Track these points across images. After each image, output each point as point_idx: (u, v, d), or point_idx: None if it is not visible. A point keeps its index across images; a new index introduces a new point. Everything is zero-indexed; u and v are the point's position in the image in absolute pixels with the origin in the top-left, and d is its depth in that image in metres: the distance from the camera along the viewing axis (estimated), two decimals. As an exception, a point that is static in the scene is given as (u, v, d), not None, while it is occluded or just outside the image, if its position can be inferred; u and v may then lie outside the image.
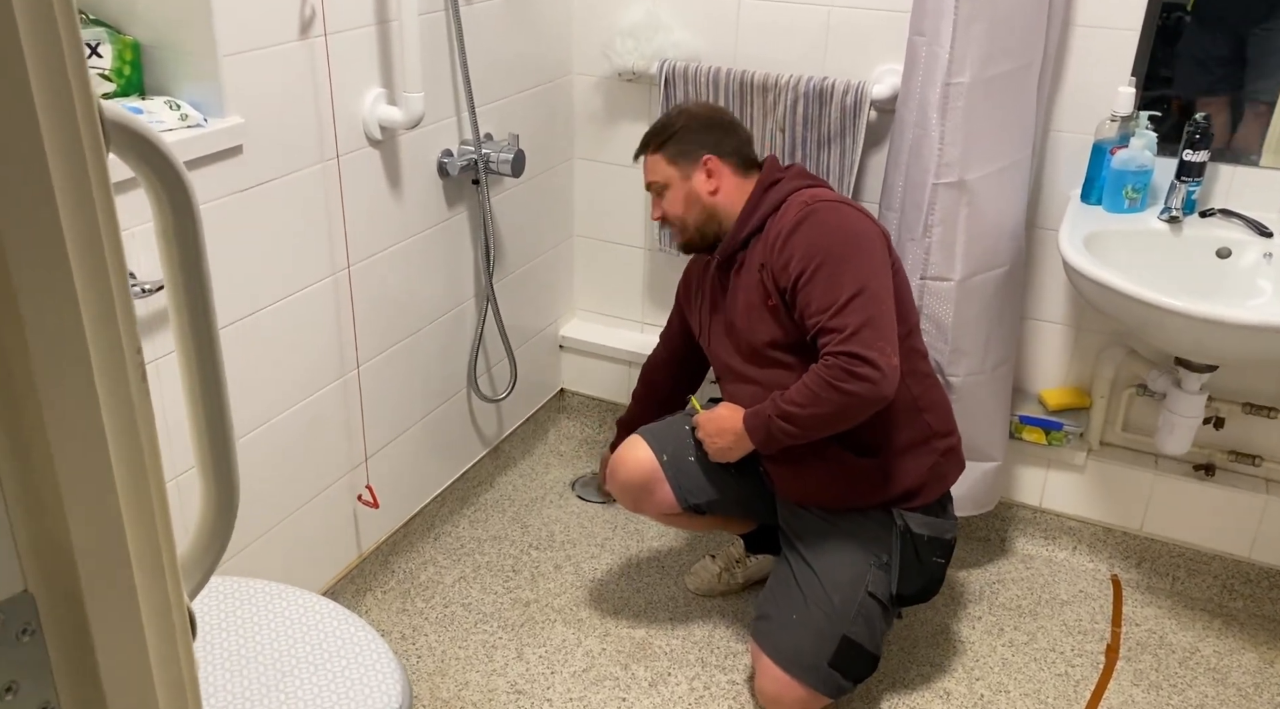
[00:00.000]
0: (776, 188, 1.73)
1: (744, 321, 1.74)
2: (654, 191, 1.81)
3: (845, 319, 1.58)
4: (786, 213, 1.68)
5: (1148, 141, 1.92)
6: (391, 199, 1.90)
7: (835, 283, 1.60)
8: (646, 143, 1.82)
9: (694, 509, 1.88)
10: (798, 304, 1.64)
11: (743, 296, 1.74)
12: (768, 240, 1.69)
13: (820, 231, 1.63)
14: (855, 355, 1.58)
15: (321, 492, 1.90)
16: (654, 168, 1.79)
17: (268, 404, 1.73)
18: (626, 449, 1.88)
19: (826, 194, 1.71)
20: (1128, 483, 2.16)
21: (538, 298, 2.50)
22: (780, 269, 1.65)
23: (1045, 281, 2.14)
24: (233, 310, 1.61)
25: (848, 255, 1.62)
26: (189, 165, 1.42)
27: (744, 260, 1.75)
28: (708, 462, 1.85)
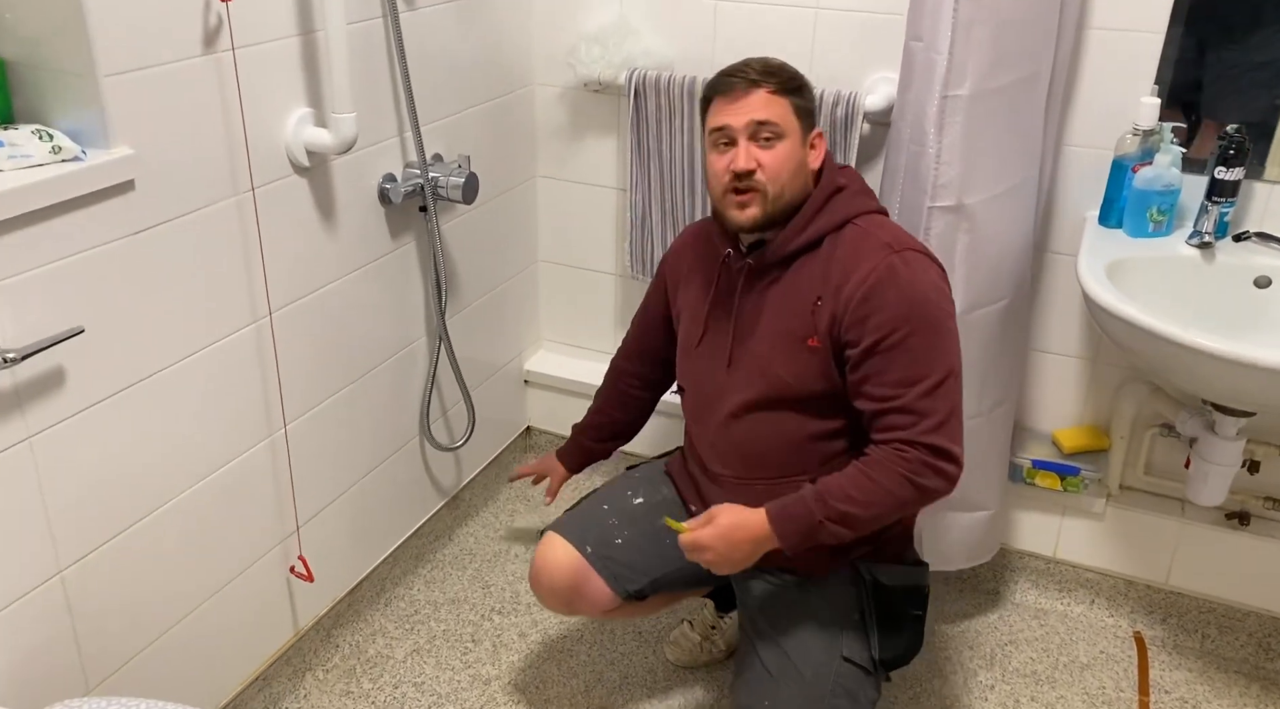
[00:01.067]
0: (840, 199, 1.47)
1: (766, 348, 1.49)
2: (754, 135, 1.41)
3: (933, 404, 1.37)
4: (861, 250, 1.42)
5: (1173, 157, 1.71)
6: (323, 233, 1.67)
7: (924, 359, 1.38)
8: (768, 75, 1.41)
9: (635, 596, 1.65)
10: (864, 368, 1.40)
11: (773, 318, 1.48)
12: (831, 273, 1.43)
13: (912, 293, 1.39)
14: (941, 450, 1.37)
15: (249, 566, 1.67)
16: (773, 108, 1.41)
17: (180, 474, 1.49)
18: (544, 551, 1.64)
19: (905, 237, 1.46)
20: (1151, 531, 1.96)
21: (499, 330, 2.27)
22: (854, 322, 1.40)
23: (1057, 311, 1.93)
24: (131, 370, 1.37)
25: (939, 329, 1.39)
26: (64, 207, 1.19)
27: (784, 275, 1.48)
28: (640, 539, 1.63)
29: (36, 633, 1.32)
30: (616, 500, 1.69)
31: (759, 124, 1.40)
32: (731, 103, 1.42)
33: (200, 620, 1.59)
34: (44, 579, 1.32)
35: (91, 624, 1.40)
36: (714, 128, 1.44)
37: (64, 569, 1.34)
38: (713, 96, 1.45)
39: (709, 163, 1.46)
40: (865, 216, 1.46)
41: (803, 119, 1.44)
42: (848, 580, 1.54)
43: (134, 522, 1.43)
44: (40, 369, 1.24)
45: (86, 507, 1.35)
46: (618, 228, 2.25)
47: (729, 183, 1.42)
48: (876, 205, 1.50)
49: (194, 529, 1.54)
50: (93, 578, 1.38)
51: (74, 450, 1.32)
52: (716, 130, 1.43)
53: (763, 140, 1.41)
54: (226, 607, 1.64)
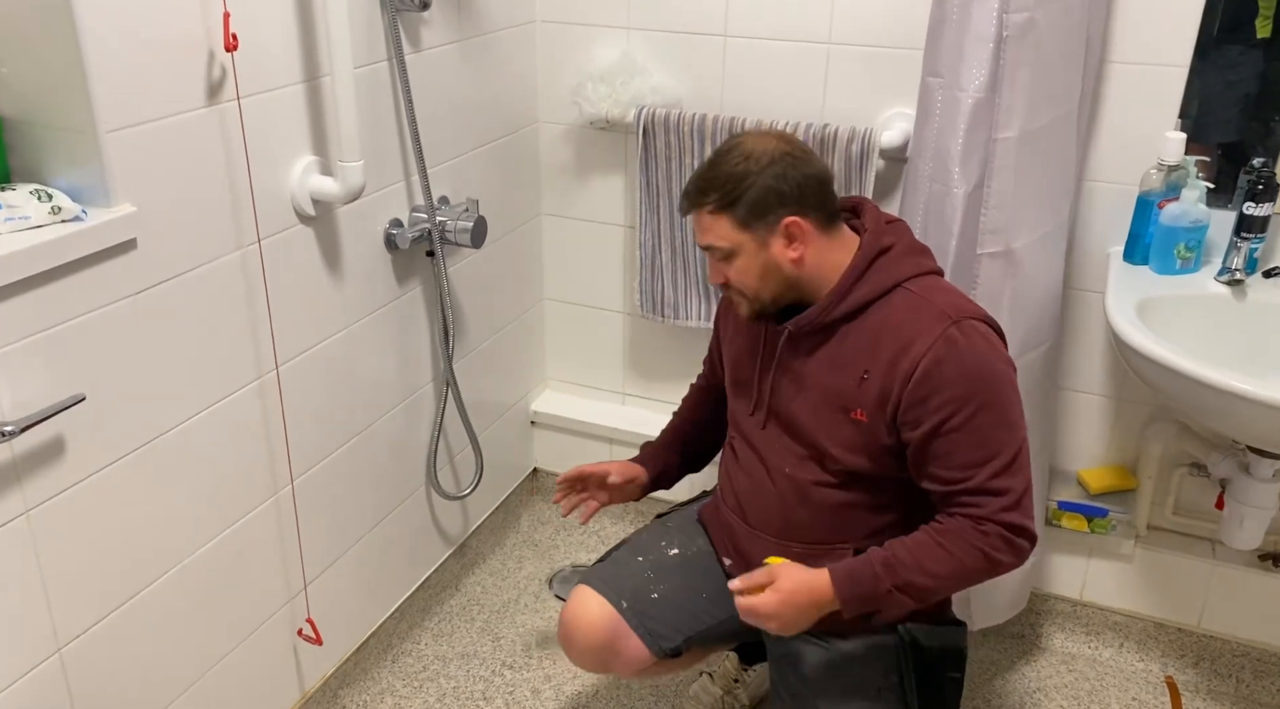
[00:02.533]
0: (886, 261, 1.37)
1: (810, 416, 1.42)
2: (714, 255, 1.39)
3: (1009, 482, 1.31)
4: (915, 320, 1.33)
5: (1200, 193, 1.68)
6: (330, 282, 1.62)
7: (993, 437, 1.31)
8: (703, 195, 1.37)
9: (671, 654, 1.58)
10: (929, 451, 1.33)
11: (817, 386, 1.41)
12: (882, 346, 1.34)
13: (975, 368, 1.31)
14: (1019, 528, 1.32)
15: (254, 630, 1.60)
16: (715, 230, 1.37)
17: (183, 540, 1.43)
18: (576, 607, 1.56)
19: (963, 303, 1.36)
20: (1182, 573, 1.91)
21: (505, 371, 2.22)
22: (913, 403, 1.32)
23: (1082, 349, 1.89)
24: (133, 436, 1.31)
25: (1005, 402, 1.33)
26: (64, 270, 1.14)
27: (829, 340, 1.39)
28: (676, 594, 1.56)
29: (34, 715, 1.26)
30: (651, 552, 1.62)
31: (708, 247, 1.39)
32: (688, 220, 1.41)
33: (205, 689, 1.52)
34: (42, 658, 1.25)
35: (92, 702, 1.33)
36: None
37: (63, 646, 1.27)
38: None
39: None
40: (916, 280, 1.37)
41: (751, 227, 1.34)
42: (885, 640, 1.48)
43: (136, 592, 1.37)
44: (39, 440, 1.18)
45: (86, 580, 1.29)
46: (625, 265, 2.20)
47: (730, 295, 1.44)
48: (930, 264, 1.41)
49: (198, 596, 1.47)
50: (92, 654, 1.32)
51: (73, 522, 1.25)
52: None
53: (721, 259, 1.38)
54: (231, 674, 1.57)
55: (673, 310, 2.14)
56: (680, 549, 1.61)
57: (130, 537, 1.34)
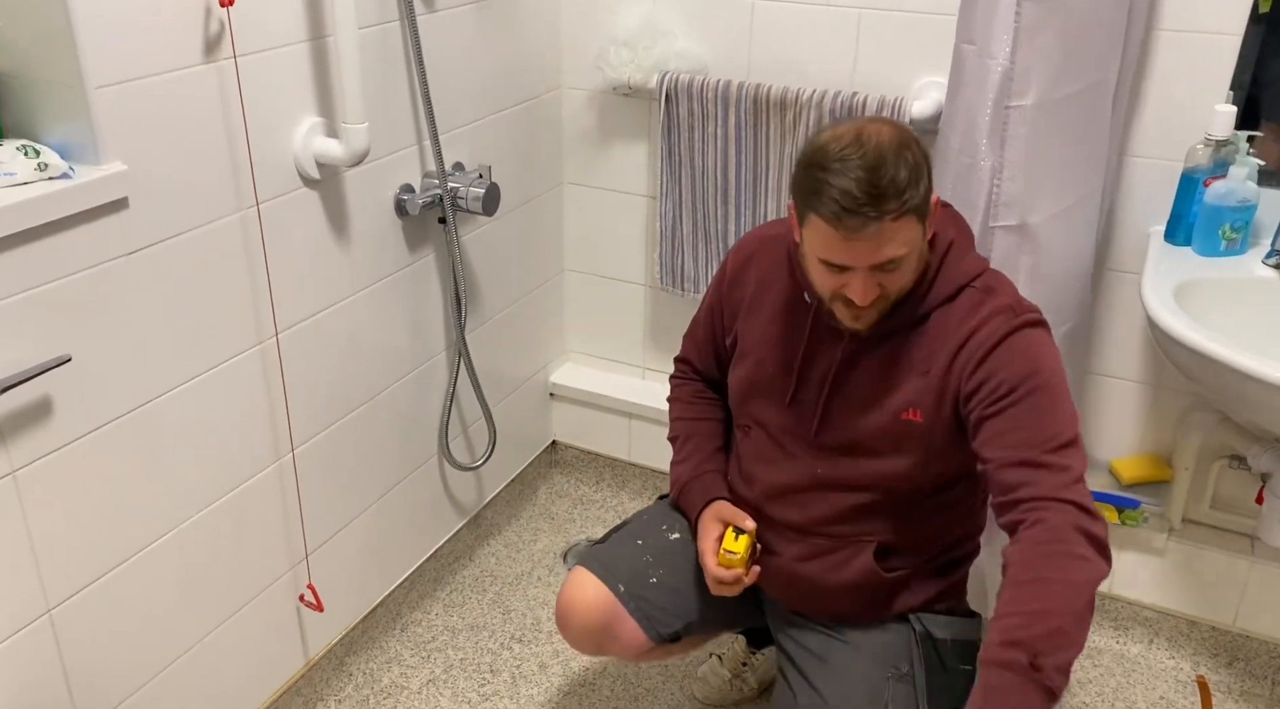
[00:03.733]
0: (951, 261, 1.31)
1: (855, 418, 1.35)
2: (883, 267, 1.21)
3: (1067, 460, 1.21)
4: (978, 313, 1.28)
5: (1250, 170, 1.58)
6: (336, 248, 1.59)
7: (1055, 413, 1.24)
8: (891, 199, 1.16)
9: (669, 639, 1.54)
10: (987, 430, 1.24)
11: (868, 390, 1.33)
12: (947, 342, 1.28)
13: (1035, 357, 1.26)
14: (1089, 511, 1.18)
15: (256, 596, 1.59)
16: (901, 235, 1.19)
17: (179, 505, 1.42)
18: (573, 589, 1.51)
19: (1024, 301, 1.30)
20: (1218, 569, 1.83)
21: (524, 341, 2.18)
22: (971, 391, 1.26)
23: (1117, 332, 1.80)
24: (124, 399, 1.30)
25: (1063, 395, 1.26)
26: (51, 228, 1.12)
27: (886, 344, 1.33)
28: (675, 579, 1.52)
29: (23, 676, 1.25)
30: (652, 535, 1.57)
31: (885, 262, 1.20)
32: (846, 241, 1.19)
33: (203, 654, 1.52)
34: (31, 619, 1.25)
35: (84, 664, 1.33)
36: (823, 259, 1.23)
37: (53, 608, 1.27)
38: (810, 213, 1.21)
39: (809, 267, 1.27)
40: (979, 279, 1.31)
41: (925, 215, 1.21)
42: (897, 630, 1.43)
43: (129, 556, 1.36)
44: (25, 400, 1.17)
45: (77, 542, 1.28)
46: (647, 237, 2.15)
47: (842, 299, 1.26)
48: (982, 260, 1.35)
49: (195, 561, 1.46)
50: (85, 616, 1.31)
51: (62, 484, 1.24)
52: (826, 261, 1.23)
53: (882, 269, 1.22)
54: (232, 639, 1.56)
55: (693, 284, 2.08)
56: (681, 533, 1.56)
57: (124, 500, 1.33)
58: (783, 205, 1.91)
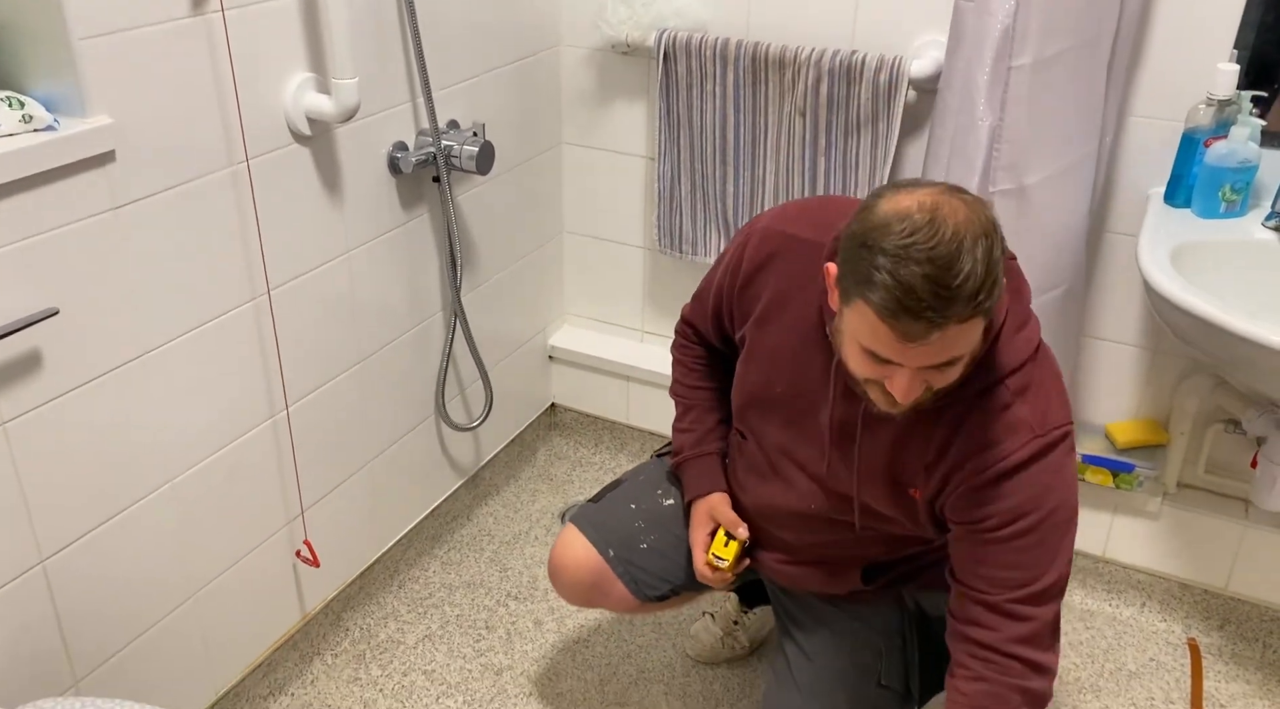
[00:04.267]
0: (1001, 348, 1.15)
1: (866, 481, 1.28)
2: (939, 368, 1.06)
3: (1035, 610, 1.18)
4: (999, 426, 1.16)
5: (1252, 130, 1.56)
6: (328, 205, 1.59)
7: (1039, 557, 1.18)
8: (962, 303, 0.98)
9: (657, 599, 1.55)
10: (966, 551, 1.22)
11: (878, 458, 1.25)
12: (954, 443, 1.18)
13: (1051, 485, 1.17)
14: (1034, 665, 1.19)
15: (252, 550, 1.61)
16: (966, 337, 1.03)
17: (170, 459, 1.43)
18: (565, 548, 1.53)
19: (1053, 411, 1.17)
20: (1211, 533, 1.82)
21: (522, 304, 2.18)
22: (963, 506, 1.20)
23: (1114, 295, 1.79)
24: (114, 353, 1.30)
25: (1068, 526, 1.20)
26: (37, 180, 1.12)
27: (905, 420, 1.21)
28: (664, 545, 1.52)
29: (16, 625, 1.27)
30: (646, 499, 1.57)
31: (943, 364, 1.05)
32: (897, 339, 1.02)
33: (199, 607, 1.54)
34: (24, 569, 1.27)
35: (78, 614, 1.35)
36: (868, 348, 1.06)
37: (46, 558, 1.29)
38: (859, 300, 1.03)
39: (849, 350, 1.10)
40: (1016, 375, 1.16)
41: (993, 314, 1.07)
42: (891, 606, 1.44)
43: (123, 509, 1.37)
44: (14, 352, 1.18)
45: (69, 494, 1.29)
46: (646, 199, 2.14)
47: (879, 386, 1.11)
48: (1031, 341, 1.18)
49: (189, 516, 1.48)
50: (78, 567, 1.33)
51: (53, 437, 1.25)
52: (871, 353, 1.06)
53: (938, 368, 1.06)
54: (227, 592, 1.58)
55: (691, 246, 2.07)
56: (675, 501, 1.56)
57: (116, 454, 1.34)
58: (781, 168, 1.90)
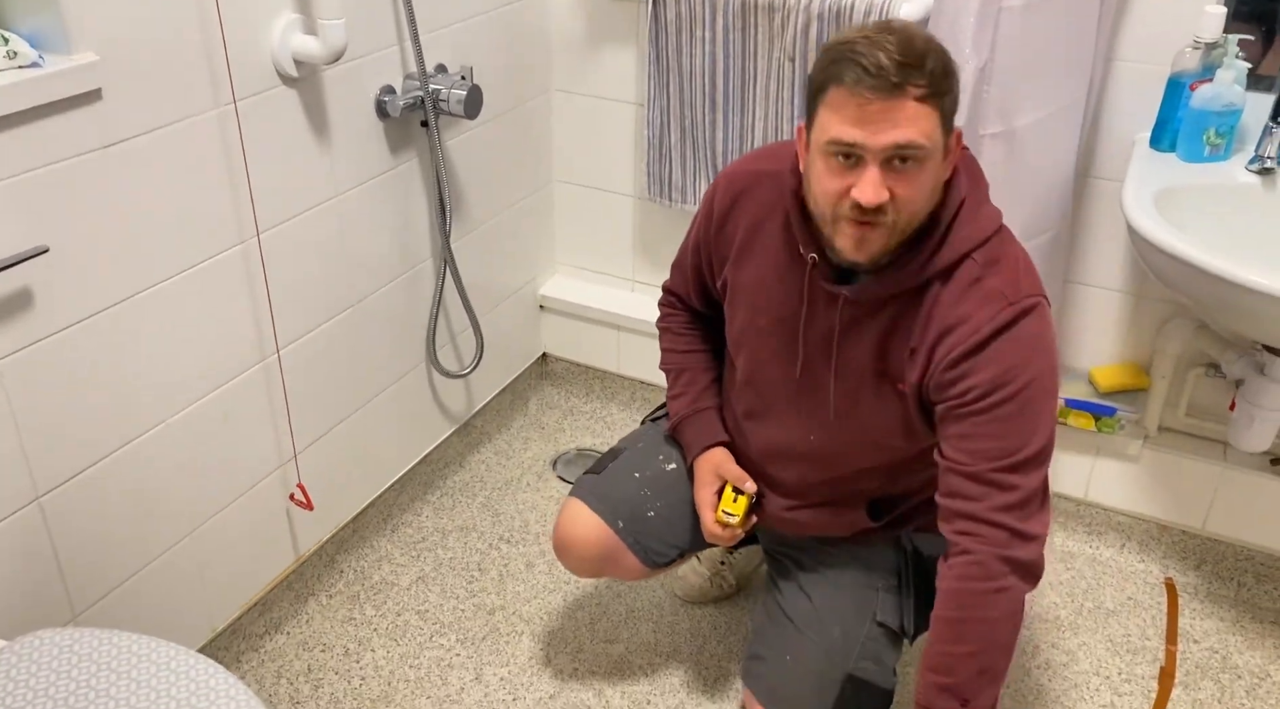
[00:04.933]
0: (961, 223, 1.21)
1: (854, 386, 1.31)
2: (893, 154, 1.11)
3: (1019, 479, 1.20)
4: (974, 299, 1.20)
5: (1237, 74, 1.56)
6: (316, 148, 1.59)
7: (1021, 427, 1.20)
8: (917, 71, 1.07)
9: (666, 565, 1.58)
10: (952, 428, 1.23)
11: (868, 357, 1.29)
12: (934, 320, 1.22)
13: (1027, 354, 1.20)
14: (1019, 533, 1.20)
15: (245, 492, 1.63)
16: (920, 123, 1.09)
17: (162, 400, 1.45)
18: (572, 523, 1.53)
19: (1024, 281, 1.22)
20: (1189, 475, 1.86)
21: (512, 253, 2.19)
22: (946, 383, 1.22)
23: (1099, 242, 1.80)
24: (105, 293, 1.32)
25: (1048, 394, 1.22)
26: (23, 117, 1.12)
27: (884, 310, 1.26)
28: (671, 511, 1.54)
29: (14, 559, 1.30)
30: (649, 467, 1.58)
31: (900, 147, 1.10)
32: (864, 111, 1.08)
33: (195, 545, 1.56)
34: (20, 505, 1.29)
35: (75, 550, 1.37)
36: (836, 140, 1.12)
37: (41, 495, 1.31)
38: (831, 86, 1.11)
39: (817, 173, 1.16)
40: (982, 249, 1.21)
41: (947, 126, 1.14)
42: (890, 547, 1.47)
43: (117, 447, 1.39)
44: (3, 290, 1.19)
45: (63, 433, 1.31)
46: (636, 147, 2.14)
47: (846, 211, 1.15)
48: (993, 220, 1.24)
49: (183, 457, 1.50)
50: (74, 504, 1.35)
51: (46, 375, 1.27)
52: (839, 143, 1.12)
53: (898, 162, 1.11)
54: (222, 532, 1.61)
55: (680, 194, 2.08)
56: (677, 465, 1.58)
57: (110, 393, 1.36)
58: (770, 113, 1.90)
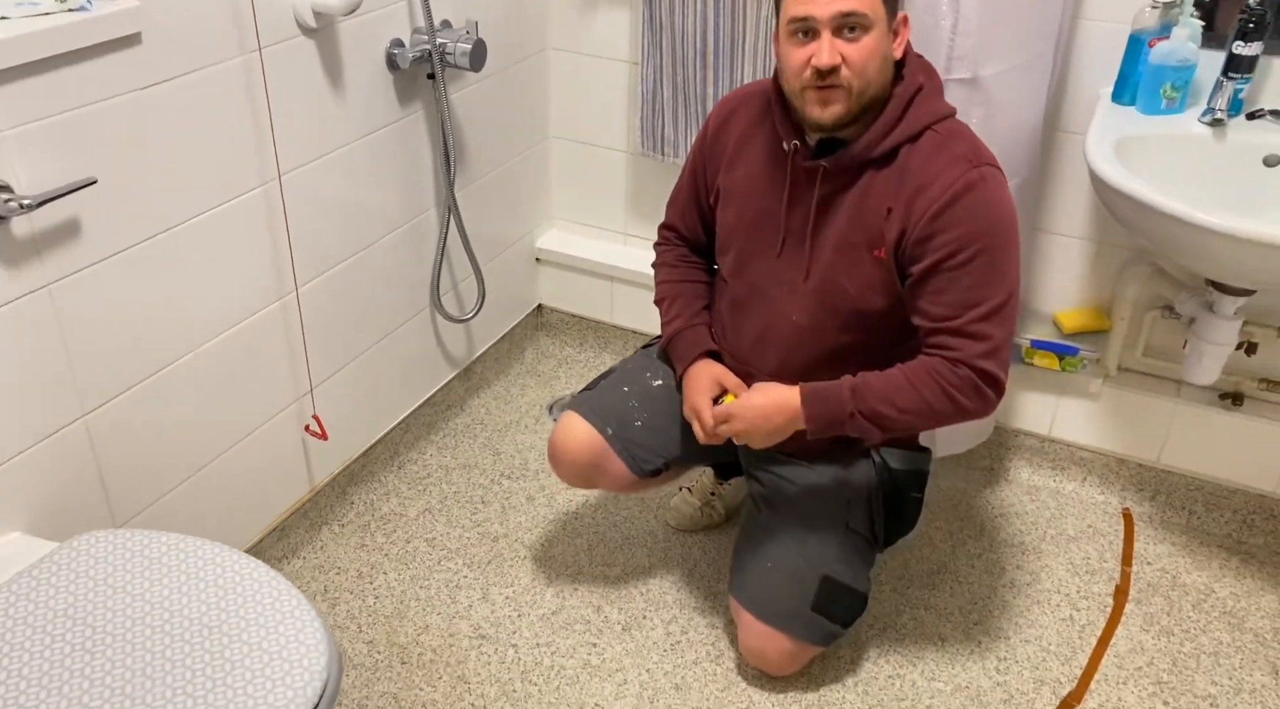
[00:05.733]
0: (920, 102, 1.40)
1: (832, 256, 1.45)
2: (838, 29, 1.31)
3: (989, 329, 1.37)
4: (937, 161, 1.37)
5: (1192, 31, 1.68)
6: (332, 97, 1.69)
7: (987, 281, 1.37)
8: None
9: (652, 474, 1.70)
10: (925, 285, 1.39)
11: (844, 227, 1.43)
12: (906, 182, 1.38)
13: (985, 214, 1.36)
14: (990, 376, 1.39)
15: (264, 423, 1.74)
16: None
17: (194, 329, 1.55)
18: (565, 431, 1.67)
19: (983, 150, 1.40)
20: (1146, 411, 1.99)
21: (510, 207, 2.29)
22: (921, 239, 1.37)
23: (1066, 192, 1.92)
24: (144, 226, 1.42)
25: (1005, 252, 1.38)
26: (72, 58, 1.22)
27: (857, 181, 1.42)
28: (657, 421, 1.67)
29: (63, 471, 1.40)
30: (637, 382, 1.72)
31: (845, 15, 1.30)
32: None
33: (220, 470, 1.67)
34: (68, 421, 1.39)
35: (116, 466, 1.48)
36: (794, 18, 1.33)
37: (87, 413, 1.41)
38: None
39: (784, 54, 1.37)
40: (942, 123, 1.41)
41: (889, 4, 1.34)
42: (860, 462, 1.59)
43: (153, 372, 1.50)
44: (56, 219, 1.29)
45: (107, 356, 1.42)
46: (630, 104, 2.24)
47: (809, 79, 1.34)
48: (949, 107, 1.44)
49: (211, 383, 1.60)
50: (115, 423, 1.46)
51: (92, 300, 1.37)
52: (796, 20, 1.32)
53: (847, 32, 1.32)
54: (245, 459, 1.71)
55: (673, 149, 2.18)
56: (664, 380, 1.71)
57: (146, 320, 1.46)
58: (759, 70, 2.00)
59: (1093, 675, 1.70)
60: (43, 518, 1.37)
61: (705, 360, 1.62)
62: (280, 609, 1.18)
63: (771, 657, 1.61)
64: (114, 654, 1.12)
